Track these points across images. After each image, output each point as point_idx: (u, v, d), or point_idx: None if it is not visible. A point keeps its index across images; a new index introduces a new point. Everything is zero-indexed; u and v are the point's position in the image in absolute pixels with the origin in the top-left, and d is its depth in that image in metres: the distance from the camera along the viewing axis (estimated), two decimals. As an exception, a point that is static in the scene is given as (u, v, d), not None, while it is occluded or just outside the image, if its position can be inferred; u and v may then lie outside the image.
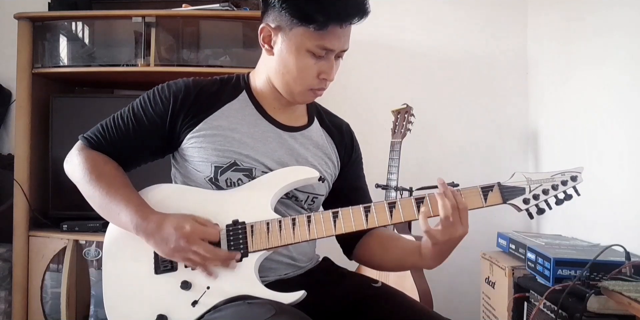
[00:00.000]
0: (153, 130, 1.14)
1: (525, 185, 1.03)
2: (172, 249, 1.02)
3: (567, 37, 2.20)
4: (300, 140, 1.19)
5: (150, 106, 1.14)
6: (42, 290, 2.19)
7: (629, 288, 1.20)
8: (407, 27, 2.60)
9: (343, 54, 1.12)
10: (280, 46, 1.09)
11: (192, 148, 1.13)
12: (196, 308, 1.03)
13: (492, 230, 2.16)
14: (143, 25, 2.13)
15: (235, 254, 1.03)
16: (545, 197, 1.03)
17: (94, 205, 1.12)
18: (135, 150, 1.16)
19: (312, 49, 1.06)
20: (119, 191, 1.09)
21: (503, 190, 1.03)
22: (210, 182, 1.11)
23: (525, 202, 1.03)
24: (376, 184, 2.19)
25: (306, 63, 1.08)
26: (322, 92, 1.15)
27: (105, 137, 1.14)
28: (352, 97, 2.58)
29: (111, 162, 1.14)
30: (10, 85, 2.44)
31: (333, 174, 1.25)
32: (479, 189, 1.03)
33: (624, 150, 1.79)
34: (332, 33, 1.05)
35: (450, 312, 1.33)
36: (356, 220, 1.05)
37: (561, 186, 1.03)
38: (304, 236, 1.05)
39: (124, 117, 1.15)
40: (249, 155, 1.12)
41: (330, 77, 1.10)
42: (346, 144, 1.28)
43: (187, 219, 1.04)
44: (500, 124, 2.57)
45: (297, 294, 1.02)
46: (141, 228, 1.04)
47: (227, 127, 1.13)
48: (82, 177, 1.11)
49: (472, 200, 1.03)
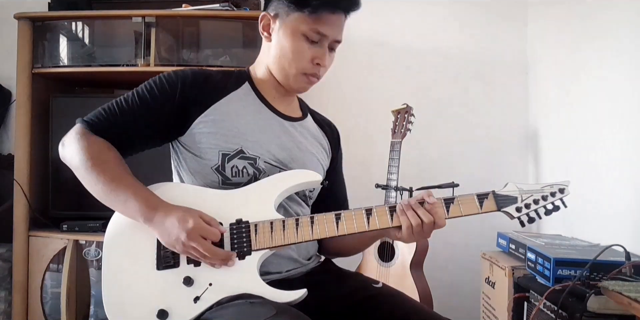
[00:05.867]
0: (159, 113, 1.13)
1: (518, 194, 1.10)
2: (174, 241, 1.03)
3: (567, 37, 2.20)
4: (299, 130, 1.25)
5: (157, 89, 1.13)
6: (42, 290, 2.19)
7: (629, 288, 1.20)
8: (407, 27, 2.60)
9: (336, 46, 1.19)
10: (278, 32, 1.17)
11: (200, 133, 1.14)
12: (198, 304, 1.04)
13: (492, 230, 2.16)
14: (143, 25, 2.13)
15: (233, 254, 1.04)
16: (536, 207, 1.10)
17: (96, 192, 1.09)
18: (139, 133, 1.14)
19: (306, 33, 1.13)
20: (124, 178, 1.09)
21: (497, 198, 1.09)
22: (217, 171, 1.13)
23: (518, 210, 1.09)
24: (376, 184, 2.19)
25: (301, 46, 1.14)
26: (316, 80, 1.20)
27: (109, 119, 1.12)
28: (352, 97, 2.59)
29: (114, 150, 1.13)
30: (10, 85, 2.45)
31: (326, 165, 1.31)
32: (475, 197, 1.09)
33: (624, 150, 1.79)
34: (325, 18, 1.13)
35: (450, 312, 1.33)
36: (358, 223, 1.07)
37: (550, 197, 1.10)
38: (306, 236, 1.07)
39: (129, 100, 1.13)
40: (255, 141, 1.15)
41: (323, 62, 1.16)
42: (335, 139, 1.36)
43: (193, 214, 1.04)
44: (500, 124, 2.57)
45: (299, 292, 1.03)
46: (149, 217, 1.04)
47: (234, 113, 1.17)
48: (84, 162, 1.08)
49: (468, 207, 1.08)
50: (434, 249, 2.19)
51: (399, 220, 1.07)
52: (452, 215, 1.08)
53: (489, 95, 2.58)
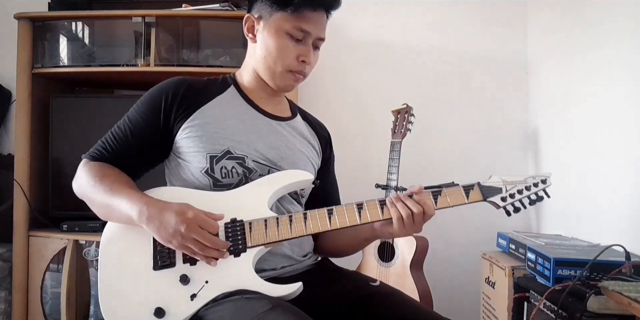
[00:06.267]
0: (151, 130, 1.16)
1: (502, 185, 1.15)
2: (171, 235, 1.02)
3: (566, 36, 2.20)
4: (287, 129, 1.26)
5: (144, 108, 1.18)
6: (42, 290, 2.19)
7: (629, 288, 1.20)
8: (407, 27, 2.60)
9: (320, 44, 1.21)
10: (262, 32, 1.19)
11: (187, 138, 1.15)
12: (194, 301, 1.04)
13: (492, 230, 2.16)
14: (143, 25, 2.13)
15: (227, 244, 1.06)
16: (520, 197, 1.14)
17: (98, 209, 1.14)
18: (138, 155, 1.18)
19: (290, 31, 1.16)
20: (120, 187, 1.11)
21: (482, 189, 1.13)
22: (206, 173, 1.14)
23: (503, 199, 1.13)
24: (376, 184, 2.19)
25: (285, 44, 1.17)
26: (302, 78, 1.21)
27: (107, 149, 1.18)
28: (352, 97, 2.59)
29: (115, 168, 1.17)
30: (10, 85, 2.45)
31: (317, 163, 1.31)
32: (461, 188, 1.13)
33: (624, 149, 1.79)
34: (307, 16, 1.15)
35: (450, 312, 1.33)
36: (350, 216, 1.10)
37: (533, 188, 1.15)
38: (300, 231, 1.09)
39: (121, 125, 1.19)
40: (241, 141, 1.17)
41: (308, 59, 1.18)
42: (326, 139, 1.37)
43: (190, 206, 1.05)
44: (500, 124, 2.57)
45: (294, 286, 1.04)
46: (142, 213, 1.04)
47: (220, 115, 1.18)
48: (87, 184, 1.14)
49: (455, 197, 1.12)
50: (434, 249, 2.19)
51: (389, 212, 1.09)
52: (440, 206, 1.11)
53: (489, 94, 2.58)
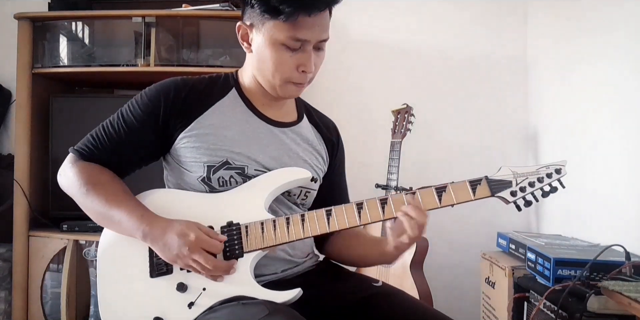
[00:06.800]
0: (145, 132, 1.12)
1: (512, 178, 1.05)
2: (175, 256, 1.02)
3: (566, 36, 2.20)
4: (290, 136, 1.20)
5: (140, 109, 1.12)
6: (42, 290, 2.19)
7: (629, 288, 1.20)
8: (407, 27, 2.60)
9: (323, 44, 1.10)
10: (257, 43, 1.09)
11: (184, 148, 1.12)
12: (192, 309, 1.03)
13: (492, 230, 2.16)
14: (143, 25, 2.13)
15: (233, 263, 1.04)
16: (532, 190, 1.05)
17: (93, 216, 1.12)
18: (129, 155, 1.15)
19: (285, 42, 1.05)
20: (117, 198, 1.09)
21: (491, 183, 1.05)
22: (203, 182, 1.11)
23: (513, 194, 1.05)
24: (376, 184, 2.19)
25: (282, 56, 1.07)
26: (305, 85, 1.14)
27: (97, 147, 1.13)
28: (352, 97, 2.59)
29: (106, 171, 1.14)
30: (10, 85, 2.44)
31: (323, 169, 1.26)
32: (467, 183, 1.05)
33: (624, 150, 1.79)
34: (302, 23, 1.03)
35: (450, 312, 1.32)
36: (349, 218, 1.05)
37: (546, 179, 1.05)
38: (298, 234, 1.05)
39: (114, 123, 1.13)
40: (240, 152, 1.12)
41: (308, 69, 1.08)
42: (333, 142, 1.30)
43: (192, 226, 1.03)
44: (500, 124, 2.57)
45: (293, 292, 1.02)
46: (146, 234, 1.04)
47: (219, 125, 1.13)
48: (78, 189, 1.10)
49: (461, 194, 1.04)
50: (434, 249, 2.19)
51: (391, 213, 1.04)
52: (444, 204, 1.04)
53: (489, 94, 2.58)
